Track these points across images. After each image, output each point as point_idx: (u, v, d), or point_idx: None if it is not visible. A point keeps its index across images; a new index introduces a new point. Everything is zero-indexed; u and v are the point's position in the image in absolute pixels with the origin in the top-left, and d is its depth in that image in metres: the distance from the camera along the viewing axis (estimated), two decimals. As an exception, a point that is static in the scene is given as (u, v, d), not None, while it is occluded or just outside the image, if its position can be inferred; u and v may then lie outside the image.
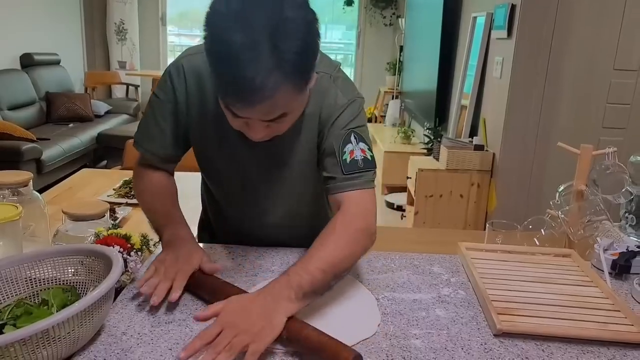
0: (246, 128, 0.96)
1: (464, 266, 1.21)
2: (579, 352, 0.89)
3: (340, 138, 1.05)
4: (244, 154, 1.12)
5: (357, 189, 1.03)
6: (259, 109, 0.88)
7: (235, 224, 1.28)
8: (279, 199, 1.19)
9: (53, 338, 0.74)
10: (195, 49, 1.11)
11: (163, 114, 1.12)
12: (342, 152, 1.04)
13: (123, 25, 6.70)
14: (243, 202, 1.21)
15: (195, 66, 1.08)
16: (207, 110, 1.10)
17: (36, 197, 1.20)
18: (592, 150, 1.29)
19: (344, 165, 1.03)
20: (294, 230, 1.24)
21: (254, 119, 0.91)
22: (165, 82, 1.11)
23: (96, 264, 0.93)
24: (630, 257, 1.17)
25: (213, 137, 1.12)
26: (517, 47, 2.85)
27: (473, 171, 3.15)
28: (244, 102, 0.87)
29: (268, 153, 1.11)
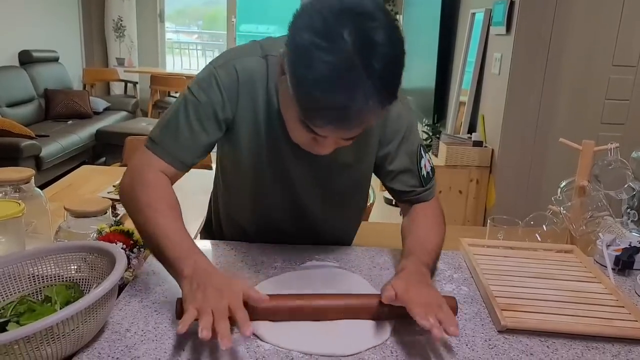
0: (313, 142, 0.93)
1: (466, 262, 1.21)
2: (584, 348, 0.89)
3: (415, 155, 1.15)
4: (292, 164, 1.10)
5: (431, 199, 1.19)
6: (348, 132, 0.87)
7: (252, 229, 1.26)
8: (319, 208, 1.20)
9: (57, 335, 0.74)
10: (244, 51, 1.06)
11: (201, 118, 1.02)
12: (420, 167, 1.15)
13: (121, 22, 6.68)
14: (279, 210, 1.19)
15: (249, 70, 1.03)
16: (258, 118, 1.05)
17: (38, 193, 1.20)
18: (594, 146, 1.29)
19: (423, 179, 1.16)
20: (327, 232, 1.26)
21: (332, 137, 0.90)
22: (210, 84, 1.02)
23: (99, 261, 0.92)
24: (633, 252, 1.17)
25: (263, 146, 1.08)
26: (515, 43, 2.84)
27: (472, 167, 3.15)
28: (339, 126, 0.84)
29: (317, 162, 1.09)
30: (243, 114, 1.05)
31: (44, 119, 5.23)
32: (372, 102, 0.80)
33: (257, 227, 1.25)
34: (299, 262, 1.16)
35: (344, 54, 0.77)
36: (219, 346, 0.83)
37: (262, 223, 1.24)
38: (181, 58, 7.74)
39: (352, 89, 0.78)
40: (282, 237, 1.23)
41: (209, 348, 0.83)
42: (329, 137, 0.90)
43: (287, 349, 0.84)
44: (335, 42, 0.77)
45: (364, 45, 0.77)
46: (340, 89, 0.78)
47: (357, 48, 0.77)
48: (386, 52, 0.79)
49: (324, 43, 0.77)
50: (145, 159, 1.03)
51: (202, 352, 0.82)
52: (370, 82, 0.78)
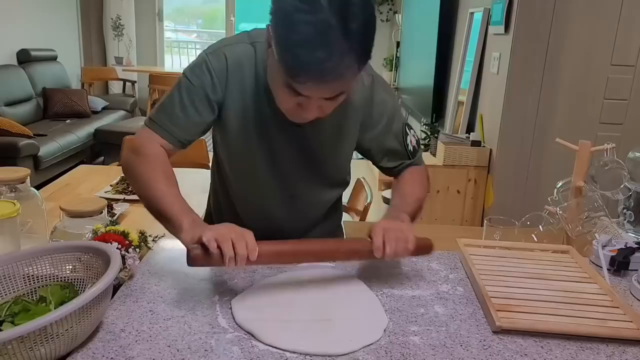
0: (298, 109, 1.00)
1: (463, 262, 1.21)
2: (578, 348, 0.89)
3: (400, 134, 1.25)
4: (280, 145, 1.17)
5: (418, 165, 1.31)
6: (327, 88, 0.94)
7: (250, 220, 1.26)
8: (308, 189, 1.26)
9: (51, 335, 0.74)
10: (234, 40, 1.14)
11: (194, 99, 1.11)
12: (407, 144, 1.26)
13: (120, 21, 6.67)
14: (270, 194, 1.23)
15: (238, 56, 1.11)
16: (247, 102, 1.13)
17: (34, 193, 1.19)
18: (590, 147, 1.29)
19: (410, 154, 1.28)
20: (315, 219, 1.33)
21: (313, 98, 0.96)
22: (202, 68, 1.11)
23: (94, 261, 0.92)
24: (628, 253, 1.17)
25: (252, 129, 1.14)
26: (514, 42, 2.84)
27: (470, 167, 3.15)
28: (317, 82, 0.92)
29: (304, 143, 1.17)
30: (232, 97, 1.12)
31: (42, 118, 5.23)
32: (347, 58, 0.89)
33: (248, 208, 1.29)
34: (295, 262, 1.17)
35: (323, 15, 0.86)
36: (213, 346, 0.84)
37: (253, 204, 1.27)
38: (180, 57, 7.74)
39: (330, 47, 0.87)
40: (271, 217, 1.27)
41: (203, 349, 0.83)
42: (312, 99, 0.96)
43: (281, 349, 0.84)
44: (315, 5, 0.86)
45: (340, 8, 0.86)
46: (319, 46, 0.87)
47: (334, 10, 0.86)
48: (360, 14, 0.88)
49: (304, 6, 0.86)
50: (142, 135, 1.13)
51: (196, 351, 0.82)
52: (346, 40, 0.87)
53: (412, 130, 1.28)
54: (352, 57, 0.89)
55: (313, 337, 0.87)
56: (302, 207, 1.28)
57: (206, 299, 0.99)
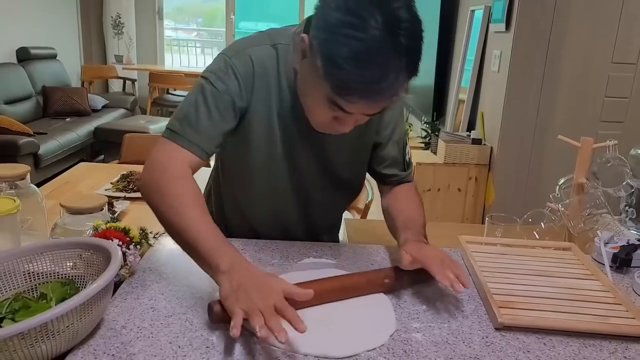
0: (333, 122, 0.97)
1: (464, 259, 1.21)
2: (581, 345, 0.89)
3: (402, 142, 1.24)
4: (301, 152, 1.15)
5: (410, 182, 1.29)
6: (377, 105, 0.91)
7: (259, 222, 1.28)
8: (324, 195, 1.24)
9: (52, 332, 0.74)
10: (255, 41, 1.08)
11: (219, 106, 1.03)
12: (405, 154, 1.26)
13: (120, 19, 6.67)
14: (285, 199, 1.21)
15: (263, 59, 1.05)
16: (271, 107, 1.08)
17: (34, 190, 1.19)
18: (592, 143, 1.29)
19: (406, 165, 1.26)
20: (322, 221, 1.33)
21: (357, 113, 0.93)
22: (226, 72, 1.03)
23: (95, 258, 0.92)
24: (631, 250, 1.17)
25: (274, 135, 1.10)
26: (515, 40, 2.84)
27: (471, 165, 3.15)
28: (369, 100, 0.89)
29: (325, 151, 1.16)
30: (257, 102, 1.07)
31: (42, 116, 5.22)
32: (401, 76, 0.87)
33: (261, 215, 1.27)
34: (296, 259, 1.16)
35: (375, 31, 0.82)
36: (215, 343, 0.84)
37: (267, 211, 1.25)
38: (180, 55, 7.74)
39: (384, 64, 0.84)
40: (284, 223, 1.27)
41: (205, 345, 0.83)
42: (353, 114, 0.93)
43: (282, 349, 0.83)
44: (366, 20, 0.82)
45: (391, 23, 0.83)
46: (372, 64, 0.84)
47: (385, 26, 0.83)
48: (410, 29, 0.85)
49: (356, 21, 0.82)
50: (166, 151, 1.01)
51: (197, 348, 0.82)
52: (399, 57, 0.85)
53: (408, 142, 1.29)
54: (405, 74, 0.87)
55: (315, 338, 0.85)
56: (316, 212, 1.27)
57: (208, 296, 0.98)
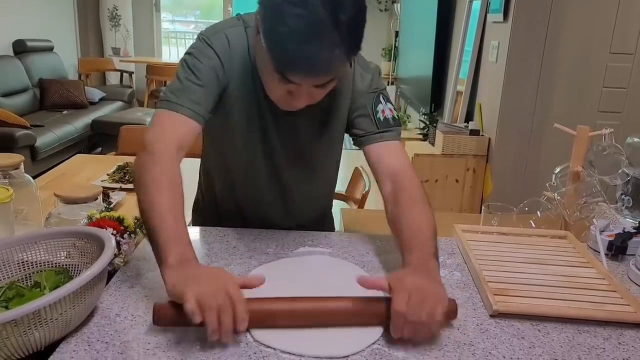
0: (287, 97, 0.99)
1: (460, 248, 1.21)
2: (575, 331, 0.89)
3: (371, 100, 1.16)
4: (273, 129, 1.15)
5: (392, 140, 1.15)
6: (318, 79, 0.93)
7: (243, 204, 1.28)
8: (302, 176, 1.24)
9: (45, 319, 0.74)
10: (230, 22, 1.13)
11: (207, 77, 1.06)
12: (375, 111, 1.16)
13: (116, 12, 6.64)
14: (263, 181, 1.22)
15: (237, 40, 1.09)
16: (245, 82, 1.11)
17: (28, 180, 1.19)
18: (588, 132, 1.28)
19: (378, 123, 1.15)
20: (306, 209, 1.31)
21: (303, 85, 0.95)
22: (206, 48, 1.07)
23: (89, 247, 0.92)
24: (626, 238, 1.17)
25: (247, 112, 1.13)
26: (513, 30, 2.83)
27: (469, 156, 3.14)
28: (309, 74, 0.92)
29: (295, 128, 1.16)
30: (234, 80, 1.10)
31: (38, 109, 5.21)
32: (338, 50, 0.88)
33: (244, 200, 1.28)
34: (292, 248, 1.16)
35: (313, 8, 0.84)
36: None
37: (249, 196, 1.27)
38: (177, 48, 7.71)
39: (320, 40, 0.86)
40: (266, 209, 1.27)
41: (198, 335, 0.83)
42: (302, 87, 0.95)
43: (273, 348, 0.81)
44: None
45: (330, 0, 0.85)
46: (309, 39, 0.86)
47: (324, 2, 0.84)
48: (350, 6, 0.87)
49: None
50: (161, 124, 1.03)
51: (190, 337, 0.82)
52: (337, 32, 0.86)
53: (389, 103, 1.19)
54: (342, 49, 0.89)
55: (310, 338, 0.83)
56: (296, 199, 1.27)
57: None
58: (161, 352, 0.78)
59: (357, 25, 0.90)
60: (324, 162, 1.27)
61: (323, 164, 1.27)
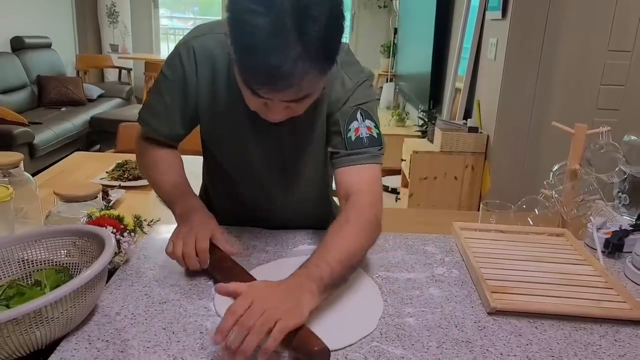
0: (264, 109, 0.94)
1: (458, 246, 1.21)
2: (572, 328, 0.90)
3: (347, 115, 1.07)
4: (254, 139, 1.12)
5: (359, 164, 1.05)
6: (284, 94, 0.87)
7: (240, 206, 1.28)
8: (288, 184, 1.21)
9: (46, 318, 0.74)
10: (204, 29, 1.09)
11: (171, 92, 1.10)
12: (347, 129, 1.06)
13: (114, 8, 6.62)
14: (251, 187, 1.22)
15: (207, 48, 1.07)
16: (219, 93, 1.09)
17: (27, 178, 1.19)
18: (586, 130, 1.29)
19: (348, 143, 1.06)
20: (299, 212, 1.28)
21: (275, 100, 0.89)
22: (174, 61, 1.09)
23: (89, 245, 0.92)
24: (623, 235, 1.17)
25: (224, 120, 1.12)
26: (511, 28, 2.83)
27: (467, 153, 3.15)
28: (270, 88, 0.85)
29: (277, 139, 1.12)
30: (206, 92, 1.09)
31: (37, 106, 5.21)
32: (301, 64, 0.80)
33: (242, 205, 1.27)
34: (290, 246, 1.17)
35: (278, 17, 0.78)
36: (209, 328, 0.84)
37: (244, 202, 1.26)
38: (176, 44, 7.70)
39: (282, 52, 0.79)
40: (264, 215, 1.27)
41: (199, 331, 0.84)
42: (275, 101, 0.89)
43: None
44: (270, 5, 0.78)
45: (298, 9, 0.78)
46: (270, 51, 0.79)
47: (291, 11, 0.78)
48: (323, 15, 0.79)
49: (259, 8, 0.78)
50: (139, 132, 1.23)
51: (191, 334, 0.83)
52: (301, 44, 0.79)
53: (370, 121, 1.08)
54: (308, 63, 0.81)
55: None
56: (290, 206, 1.26)
57: (201, 283, 0.99)
58: (161, 350, 0.79)
59: (329, 36, 0.82)
60: (305, 170, 1.21)
61: (304, 172, 1.21)
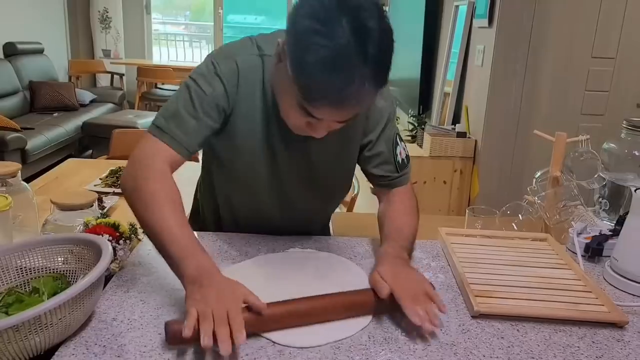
0: (308, 127, 0.98)
1: (444, 251, 1.25)
2: (552, 331, 0.93)
3: (391, 142, 1.20)
4: (284, 159, 1.15)
5: (406, 185, 1.24)
6: (344, 112, 0.92)
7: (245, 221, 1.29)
8: (308, 202, 1.25)
9: (45, 324, 0.76)
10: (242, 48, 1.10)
11: (206, 108, 1.05)
12: (396, 154, 1.21)
13: (107, 14, 6.63)
14: (269, 202, 1.22)
15: (248, 66, 1.08)
16: (255, 113, 1.10)
17: (24, 187, 1.21)
18: (566, 138, 1.33)
19: (398, 166, 1.21)
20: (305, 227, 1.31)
21: (327, 119, 0.94)
22: (213, 74, 1.06)
23: (85, 252, 0.95)
24: (602, 240, 1.21)
25: (257, 140, 1.12)
26: (497, 35, 2.88)
27: (456, 158, 3.20)
28: (334, 107, 0.90)
29: (308, 159, 1.16)
30: (241, 108, 1.09)
31: (29, 111, 5.19)
32: (367, 84, 0.87)
33: (248, 217, 1.29)
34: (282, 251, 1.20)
35: (342, 39, 0.83)
36: (202, 333, 0.86)
37: (252, 214, 1.27)
38: (168, 49, 7.71)
39: (350, 72, 0.85)
40: (269, 224, 1.28)
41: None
42: (323, 120, 0.94)
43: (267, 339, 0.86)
44: (334, 28, 0.83)
45: (359, 32, 0.84)
46: (338, 71, 0.85)
47: (353, 34, 0.84)
48: (379, 39, 0.86)
49: (324, 29, 0.84)
50: (150, 147, 1.04)
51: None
52: (366, 66, 0.85)
53: (402, 142, 1.24)
54: (371, 83, 0.88)
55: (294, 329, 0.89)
56: (300, 217, 1.28)
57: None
58: (157, 355, 0.81)
59: (386, 58, 0.89)
60: (336, 185, 1.27)
61: (333, 187, 1.27)
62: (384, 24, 0.88)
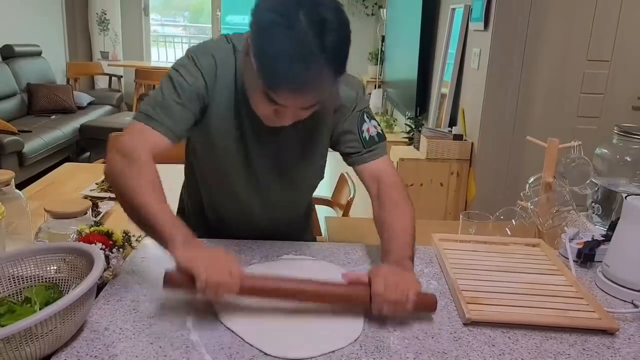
0: (274, 114, 1.04)
1: (437, 257, 1.25)
2: (543, 338, 0.94)
3: (357, 120, 1.23)
4: (254, 146, 1.19)
5: (379, 157, 1.24)
6: (304, 98, 0.99)
7: (228, 216, 1.32)
8: (283, 190, 1.27)
9: (36, 335, 0.77)
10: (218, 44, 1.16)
11: (189, 97, 1.11)
12: (361, 131, 1.23)
13: (105, 16, 6.63)
14: (246, 194, 1.26)
15: (223, 60, 1.14)
16: (229, 105, 1.15)
17: (18, 195, 1.22)
18: (558, 144, 1.34)
19: (364, 142, 1.23)
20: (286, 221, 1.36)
21: (290, 106, 1.00)
22: (193, 67, 1.12)
23: (78, 261, 0.95)
24: (594, 245, 1.22)
25: (231, 130, 1.17)
26: (493, 39, 2.89)
27: (452, 160, 3.20)
28: (294, 93, 0.97)
29: (279, 150, 1.21)
30: (216, 102, 1.15)
31: (26, 114, 5.18)
32: (324, 71, 0.94)
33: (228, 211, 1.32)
34: (276, 257, 1.20)
35: (300, 30, 0.90)
36: (194, 342, 0.87)
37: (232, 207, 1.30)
38: (166, 50, 7.71)
39: (307, 60, 0.92)
40: (250, 219, 1.31)
41: (185, 345, 0.87)
42: (288, 107, 1.01)
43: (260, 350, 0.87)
44: (292, 20, 0.90)
45: (316, 24, 0.91)
46: (297, 59, 0.92)
47: (311, 26, 0.91)
48: (335, 30, 0.93)
49: (282, 20, 0.91)
50: (136, 133, 1.08)
51: (177, 348, 0.86)
52: (323, 54, 0.92)
53: (373, 120, 1.26)
54: (328, 70, 0.94)
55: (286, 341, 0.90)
56: (277, 209, 1.31)
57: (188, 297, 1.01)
58: (148, 365, 0.82)
59: (343, 48, 0.96)
60: (307, 176, 1.30)
61: (306, 178, 1.31)
62: (339, 16, 0.95)
